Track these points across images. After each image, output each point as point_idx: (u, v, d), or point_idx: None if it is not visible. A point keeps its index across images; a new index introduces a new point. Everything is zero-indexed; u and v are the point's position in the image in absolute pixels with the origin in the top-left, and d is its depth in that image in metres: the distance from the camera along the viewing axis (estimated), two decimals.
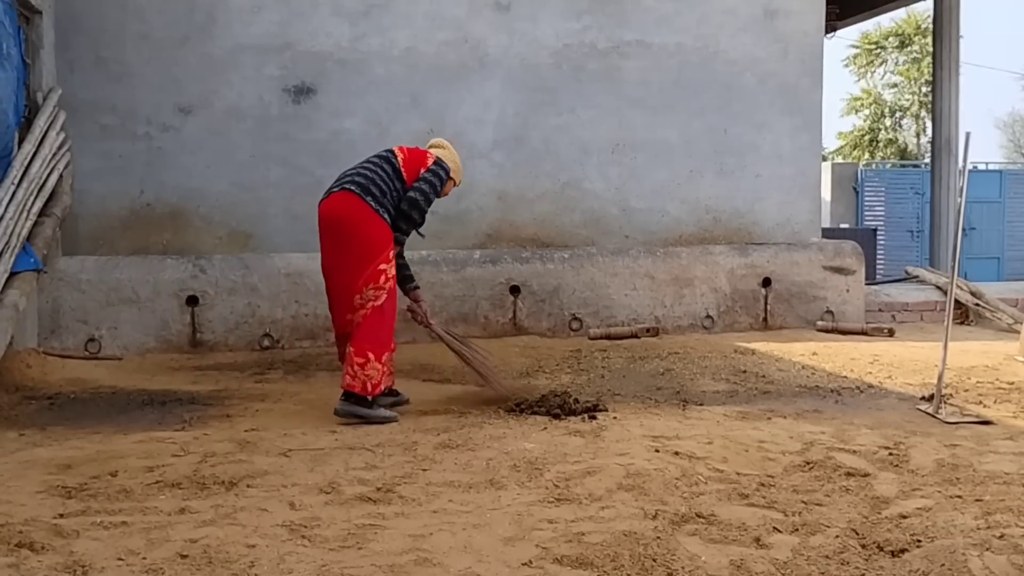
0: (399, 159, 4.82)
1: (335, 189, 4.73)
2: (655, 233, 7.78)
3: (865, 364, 6.06)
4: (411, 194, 4.74)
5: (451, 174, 4.97)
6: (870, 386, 5.39)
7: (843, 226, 15.36)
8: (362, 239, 4.61)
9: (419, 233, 4.96)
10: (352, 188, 4.65)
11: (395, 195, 4.74)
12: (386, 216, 4.69)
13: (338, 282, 4.69)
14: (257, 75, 7.14)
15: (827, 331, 7.46)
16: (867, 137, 28.92)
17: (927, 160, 17.83)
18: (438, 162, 4.90)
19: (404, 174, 4.78)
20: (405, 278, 5.02)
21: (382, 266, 4.61)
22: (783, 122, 8.00)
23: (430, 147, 5.09)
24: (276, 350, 6.70)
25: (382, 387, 4.66)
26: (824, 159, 20.24)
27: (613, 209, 7.71)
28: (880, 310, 8.21)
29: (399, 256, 4.86)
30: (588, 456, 3.81)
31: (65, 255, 6.63)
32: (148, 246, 6.98)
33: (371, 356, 4.55)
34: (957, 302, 8.02)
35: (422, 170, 4.83)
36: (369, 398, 4.56)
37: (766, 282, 7.63)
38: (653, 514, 3.10)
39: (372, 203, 4.64)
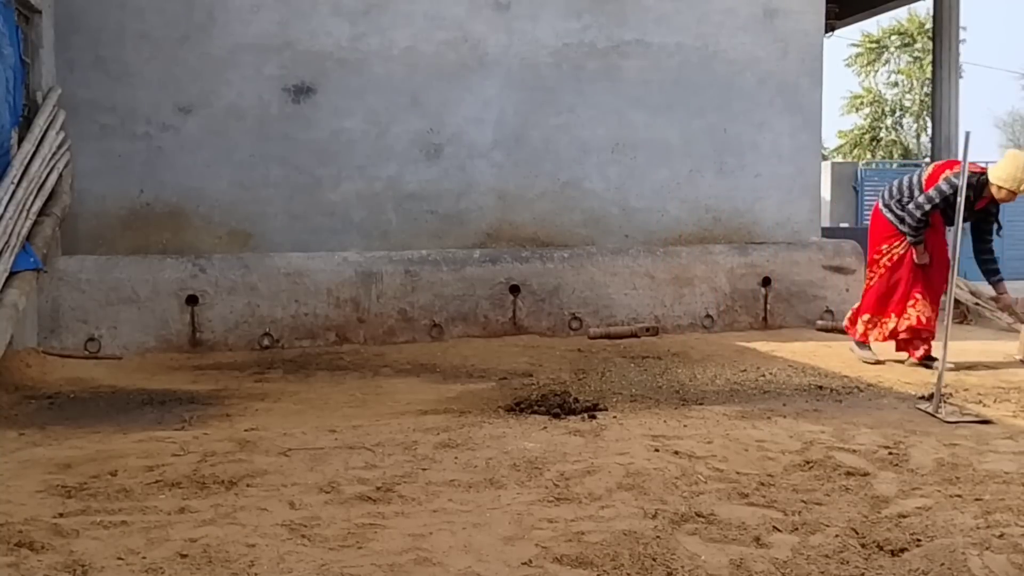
0: (925, 175, 5.98)
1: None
2: (655, 232, 7.78)
3: (865, 363, 6.06)
4: (909, 206, 5.91)
5: (999, 182, 5.66)
6: (870, 385, 5.39)
7: (843, 225, 15.33)
8: (870, 235, 6.23)
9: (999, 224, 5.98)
10: (880, 197, 6.21)
11: (909, 200, 5.96)
12: (892, 218, 6.02)
13: None
14: (257, 75, 7.14)
15: (827, 330, 7.46)
16: (867, 136, 28.89)
17: (927, 159, 17.80)
18: (945, 179, 5.77)
19: (924, 187, 5.92)
20: (989, 271, 6.00)
21: (875, 256, 6.15)
22: (783, 121, 8.00)
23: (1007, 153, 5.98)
24: (276, 350, 6.70)
25: (867, 337, 6.17)
26: (824, 158, 20.21)
27: (613, 209, 7.71)
28: None
29: (986, 252, 5.96)
30: (588, 455, 3.81)
31: (65, 255, 6.63)
32: (148, 246, 6.98)
33: (855, 315, 6.27)
34: (957, 301, 8.01)
35: (931, 187, 5.88)
36: (859, 340, 6.24)
37: (766, 281, 7.63)
38: (653, 513, 3.10)
39: (882, 206, 6.11)
